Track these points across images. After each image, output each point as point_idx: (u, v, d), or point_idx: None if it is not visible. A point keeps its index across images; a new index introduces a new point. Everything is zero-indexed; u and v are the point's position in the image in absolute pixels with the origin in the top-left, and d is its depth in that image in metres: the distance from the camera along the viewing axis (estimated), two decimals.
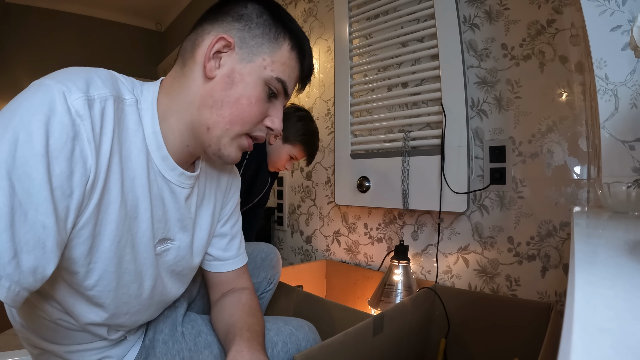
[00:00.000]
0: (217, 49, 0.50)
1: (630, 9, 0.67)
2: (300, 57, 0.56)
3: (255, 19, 0.52)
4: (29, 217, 0.35)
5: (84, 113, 0.39)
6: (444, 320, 1.04)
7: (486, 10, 1.09)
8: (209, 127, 0.51)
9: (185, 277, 0.65)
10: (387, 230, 1.37)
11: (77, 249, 0.43)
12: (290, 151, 1.19)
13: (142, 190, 0.49)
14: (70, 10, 3.10)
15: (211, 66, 0.50)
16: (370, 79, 1.37)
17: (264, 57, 0.52)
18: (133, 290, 0.53)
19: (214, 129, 0.51)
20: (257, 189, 1.26)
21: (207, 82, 0.51)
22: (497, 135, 1.07)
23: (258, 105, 0.52)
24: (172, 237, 0.57)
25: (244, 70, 0.51)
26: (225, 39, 0.50)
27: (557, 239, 0.95)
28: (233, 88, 0.51)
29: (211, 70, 0.50)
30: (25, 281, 0.35)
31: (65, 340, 0.55)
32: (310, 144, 1.21)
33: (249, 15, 0.52)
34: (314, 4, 1.71)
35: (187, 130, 0.52)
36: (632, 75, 0.67)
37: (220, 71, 0.51)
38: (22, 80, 2.82)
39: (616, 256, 0.29)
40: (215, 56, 0.51)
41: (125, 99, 0.47)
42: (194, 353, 0.65)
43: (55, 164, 0.37)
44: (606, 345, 0.13)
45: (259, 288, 0.94)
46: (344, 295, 1.42)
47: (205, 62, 0.50)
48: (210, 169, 0.64)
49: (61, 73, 0.41)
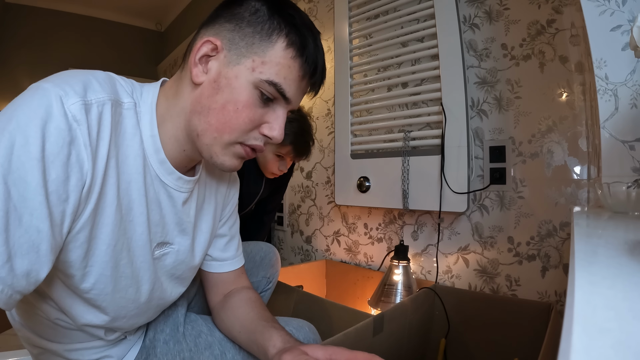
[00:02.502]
0: (203, 53, 0.48)
1: (630, 9, 0.67)
2: (300, 54, 0.49)
3: (248, 17, 0.48)
4: (23, 221, 0.35)
5: (80, 118, 0.39)
6: (444, 320, 1.04)
7: (486, 10, 1.09)
8: (199, 134, 0.49)
9: (185, 280, 0.64)
10: (387, 230, 1.37)
11: (73, 252, 0.43)
12: (274, 150, 1.09)
13: (137, 194, 0.49)
14: (70, 10, 3.09)
15: (197, 71, 0.48)
16: (370, 79, 1.37)
17: (253, 59, 0.47)
18: (130, 294, 0.53)
19: (203, 137, 0.49)
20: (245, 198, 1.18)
21: (196, 88, 0.49)
22: (497, 135, 1.07)
23: (247, 112, 0.48)
24: (171, 241, 0.57)
25: (230, 73, 0.48)
26: (211, 42, 0.48)
27: (557, 239, 0.95)
28: (219, 94, 0.48)
29: (197, 76, 0.48)
30: (18, 284, 0.35)
31: (64, 339, 0.55)
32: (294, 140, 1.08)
33: (241, 14, 0.48)
34: (314, 4, 1.71)
35: (183, 136, 0.51)
36: (632, 75, 0.67)
37: (207, 76, 0.49)
38: (22, 81, 2.82)
39: (616, 256, 0.29)
40: (203, 61, 0.49)
41: (124, 103, 0.47)
42: (194, 354, 0.65)
43: (51, 169, 0.37)
44: (606, 345, 0.13)
45: (258, 287, 0.94)
46: (344, 295, 1.42)
47: (191, 68, 0.48)
48: (210, 173, 0.64)
49: (59, 76, 0.41)
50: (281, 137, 0.51)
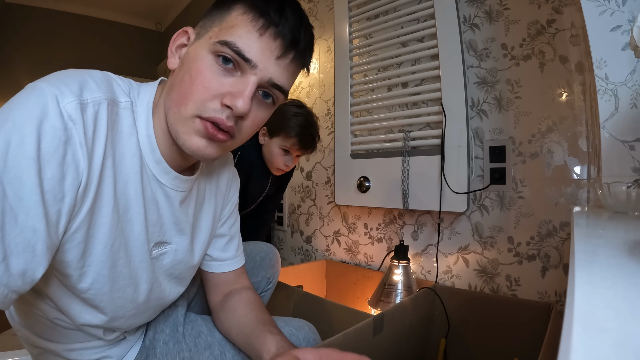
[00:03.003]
0: (178, 43, 0.51)
1: (630, 9, 0.67)
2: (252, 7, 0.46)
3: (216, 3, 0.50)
4: (19, 220, 0.35)
5: (76, 117, 0.39)
6: (444, 320, 1.04)
7: (486, 10, 1.09)
8: (166, 114, 0.49)
9: (184, 280, 0.64)
10: (387, 230, 1.37)
11: (70, 252, 0.43)
12: (280, 144, 1.10)
13: (134, 194, 0.49)
14: (70, 10, 3.09)
15: (172, 59, 0.51)
16: (370, 79, 1.37)
17: (212, 29, 0.47)
18: (128, 294, 0.53)
19: (168, 116, 0.48)
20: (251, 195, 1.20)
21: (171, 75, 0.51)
22: (497, 135, 1.07)
23: (200, 78, 0.45)
24: (169, 241, 0.57)
25: (191, 49, 0.48)
26: (185, 31, 0.50)
27: (557, 239, 0.95)
28: (182, 70, 0.48)
29: (172, 63, 0.51)
30: (14, 284, 0.35)
31: (64, 339, 0.55)
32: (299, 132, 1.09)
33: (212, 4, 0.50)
34: (314, 4, 1.71)
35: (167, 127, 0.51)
36: (632, 75, 0.67)
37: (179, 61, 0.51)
38: (22, 80, 2.81)
39: (616, 256, 0.29)
40: (178, 50, 0.51)
41: (120, 102, 0.47)
42: (194, 354, 0.65)
43: (47, 168, 0.37)
44: (606, 345, 0.13)
45: (258, 287, 0.94)
46: (344, 295, 1.42)
47: (168, 57, 0.51)
48: (210, 172, 0.64)
49: (56, 76, 0.41)
50: (245, 107, 0.45)
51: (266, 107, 0.51)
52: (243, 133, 0.50)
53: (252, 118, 0.49)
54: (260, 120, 0.51)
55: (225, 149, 0.51)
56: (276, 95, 0.50)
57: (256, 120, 0.50)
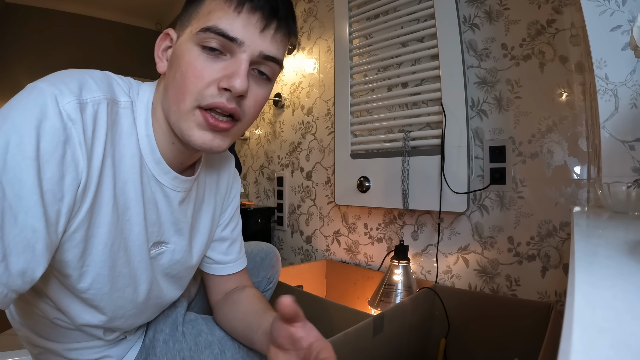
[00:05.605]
0: (163, 47, 0.51)
1: (630, 9, 0.67)
2: None
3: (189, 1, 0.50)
4: (18, 220, 0.35)
5: (75, 117, 0.39)
6: (444, 320, 1.04)
7: (486, 10, 1.09)
8: (167, 115, 0.49)
9: (182, 280, 0.64)
10: (387, 230, 1.37)
11: (70, 252, 0.43)
12: None
13: (134, 194, 0.49)
14: (70, 10, 3.09)
15: (161, 64, 0.51)
16: (370, 79, 1.37)
17: (191, 23, 0.47)
18: (128, 294, 0.53)
19: (170, 116, 0.49)
20: None
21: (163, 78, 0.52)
22: (497, 135, 1.07)
23: (191, 70, 0.46)
24: (167, 241, 0.57)
25: (176, 47, 0.49)
26: (166, 34, 0.51)
27: (557, 239, 0.95)
28: (172, 69, 0.48)
29: (160, 67, 0.51)
30: (13, 283, 0.36)
31: (64, 338, 0.55)
32: None
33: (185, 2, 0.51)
34: (314, 4, 1.71)
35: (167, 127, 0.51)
36: (632, 75, 0.67)
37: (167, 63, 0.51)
38: (22, 80, 2.81)
39: (616, 256, 0.29)
40: (164, 53, 0.52)
41: (120, 102, 0.47)
42: (194, 353, 0.65)
43: (46, 168, 0.37)
44: (606, 345, 0.13)
45: (258, 287, 0.94)
46: (344, 295, 1.42)
47: (157, 63, 0.52)
48: (209, 173, 0.64)
49: (55, 76, 0.41)
50: (243, 85, 0.45)
51: (264, 84, 0.51)
52: (248, 114, 0.50)
53: (253, 97, 0.49)
54: (262, 98, 0.51)
55: (234, 136, 0.51)
56: (272, 68, 0.50)
57: (258, 99, 0.50)
